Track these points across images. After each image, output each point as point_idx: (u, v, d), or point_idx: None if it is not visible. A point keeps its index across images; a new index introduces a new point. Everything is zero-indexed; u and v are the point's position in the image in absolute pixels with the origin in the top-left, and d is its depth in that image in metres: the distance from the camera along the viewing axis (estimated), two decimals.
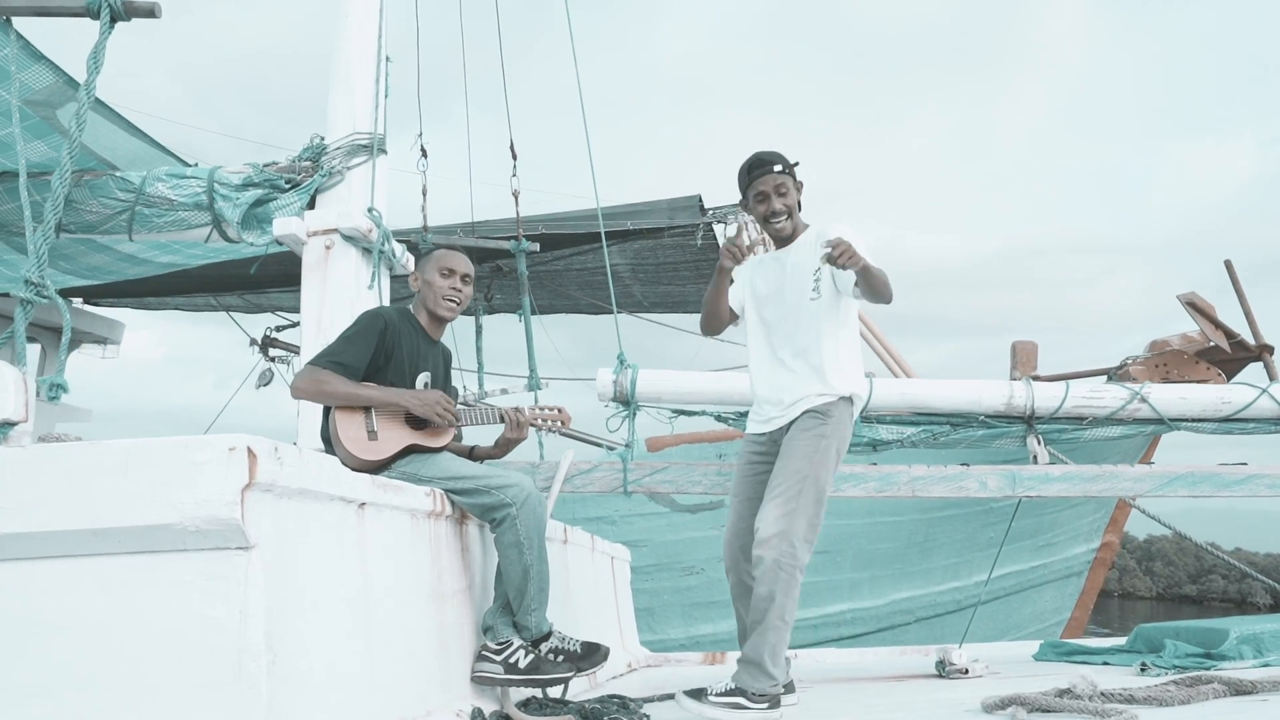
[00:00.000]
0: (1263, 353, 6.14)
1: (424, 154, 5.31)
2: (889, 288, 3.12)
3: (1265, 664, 3.64)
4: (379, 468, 2.90)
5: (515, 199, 6.02)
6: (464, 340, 6.93)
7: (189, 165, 4.65)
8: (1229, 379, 5.88)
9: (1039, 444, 4.63)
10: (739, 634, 3.34)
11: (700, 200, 7.59)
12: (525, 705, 2.96)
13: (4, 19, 3.79)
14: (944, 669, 3.94)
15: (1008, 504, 7.59)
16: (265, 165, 4.38)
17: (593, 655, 3.03)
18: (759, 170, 3.30)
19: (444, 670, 2.72)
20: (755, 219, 3.46)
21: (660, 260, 8.14)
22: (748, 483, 3.38)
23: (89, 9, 3.64)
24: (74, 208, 4.37)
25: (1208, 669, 3.51)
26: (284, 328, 9.41)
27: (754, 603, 3.06)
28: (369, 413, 2.96)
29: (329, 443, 2.97)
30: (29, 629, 1.85)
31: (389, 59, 4.36)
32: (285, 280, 7.41)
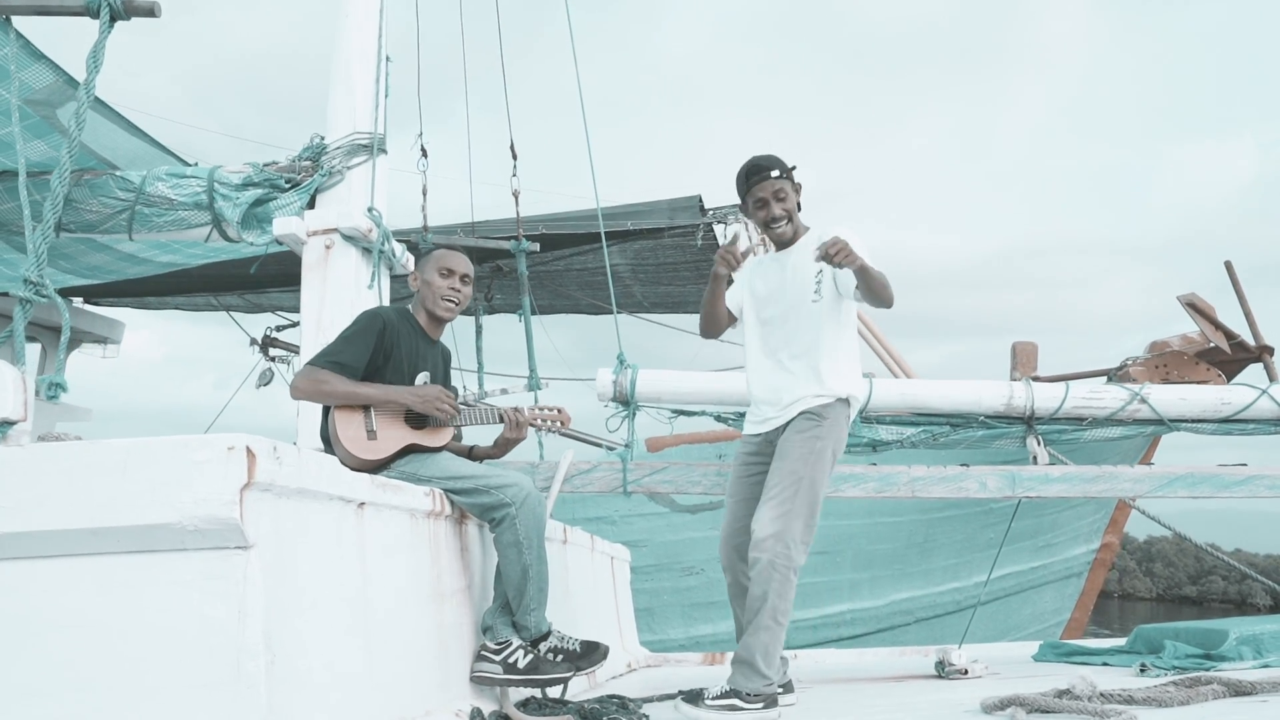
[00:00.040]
0: (1263, 354, 6.14)
1: (424, 154, 5.31)
2: (889, 290, 3.12)
3: (1265, 665, 3.64)
4: (378, 467, 2.90)
5: (515, 199, 6.02)
6: (464, 340, 6.94)
7: (189, 165, 4.64)
8: (1229, 380, 5.88)
9: (1039, 445, 4.63)
10: (736, 634, 3.34)
11: (700, 200, 7.59)
12: (524, 705, 2.96)
13: (4, 18, 3.79)
14: (943, 670, 3.94)
15: (1007, 505, 7.59)
16: (265, 165, 4.38)
17: (592, 654, 3.03)
18: (757, 176, 3.30)
19: (443, 670, 2.72)
20: (755, 224, 3.46)
21: (660, 260, 8.14)
22: (743, 483, 3.39)
23: (89, 8, 3.63)
24: (74, 207, 4.37)
25: (1207, 670, 3.50)
26: (284, 327, 9.41)
27: (748, 603, 3.07)
28: (368, 412, 2.97)
29: (328, 442, 2.97)
30: (28, 628, 1.85)
31: (389, 59, 4.36)
32: (285, 280, 7.42)
